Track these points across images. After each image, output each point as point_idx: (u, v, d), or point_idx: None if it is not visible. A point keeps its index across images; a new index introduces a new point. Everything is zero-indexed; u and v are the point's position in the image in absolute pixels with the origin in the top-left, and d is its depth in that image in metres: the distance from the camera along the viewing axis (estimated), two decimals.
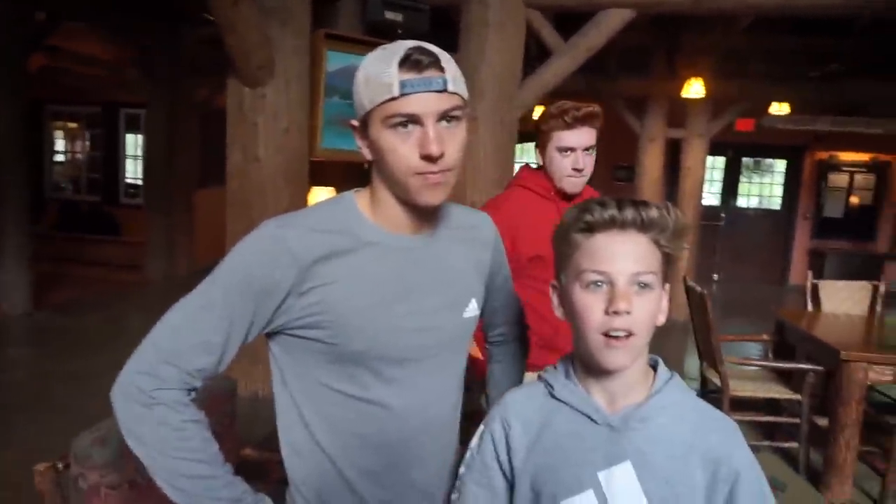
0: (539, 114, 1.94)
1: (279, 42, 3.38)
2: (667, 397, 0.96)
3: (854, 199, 9.28)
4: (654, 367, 1.00)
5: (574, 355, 1.01)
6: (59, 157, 9.73)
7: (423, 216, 1.08)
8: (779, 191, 9.80)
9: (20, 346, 5.16)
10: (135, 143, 9.23)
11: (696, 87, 6.01)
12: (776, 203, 9.82)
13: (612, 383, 0.96)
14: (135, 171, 9.22)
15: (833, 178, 9.29)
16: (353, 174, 3.39)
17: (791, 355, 3.77)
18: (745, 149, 9.51)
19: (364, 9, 3.83)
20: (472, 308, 1.17)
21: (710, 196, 9.53)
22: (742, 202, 9.91)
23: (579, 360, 0.99)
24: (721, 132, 7.04)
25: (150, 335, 1.00)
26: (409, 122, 0.97)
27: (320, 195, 3.72)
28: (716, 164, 9.55)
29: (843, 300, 4.18)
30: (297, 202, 3.54)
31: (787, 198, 9.67)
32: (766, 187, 9.98)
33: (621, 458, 0.93)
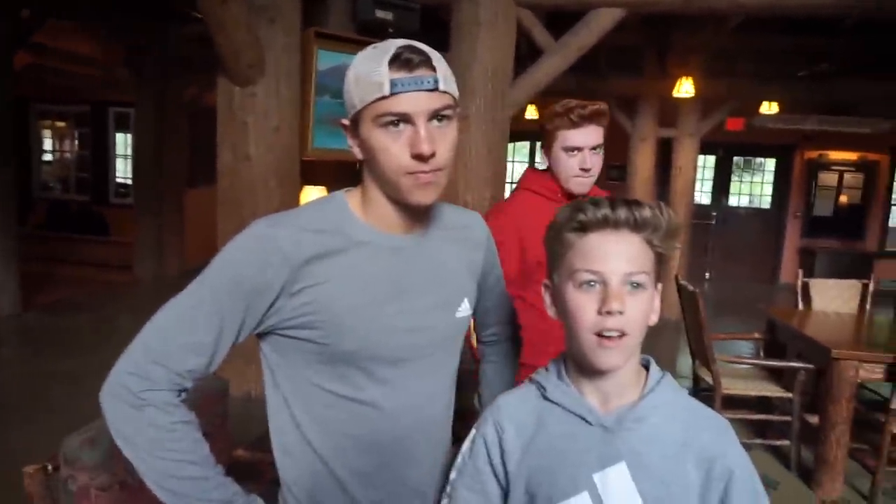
0: (545, 112, 1.86)
1: (269, 41, 3.37)
2: (659, 397, 0.96)
3: (843, 198, 9.35)
4: (646, 367, 1.00)
5: (566, 356, 1.01)
6: (48, 157, 9.65)
7: (414, 216, 1.07)
8: (769, 190, 9.86)
9: (9, 347, 5.11)
10: (124, 143, 9.16)
11: (686, 87, 6.03)
12: (767, 202, 9.88)
13: (605, 384, 0.96)
14: (125, 170, 9.16)
15: (823, 177, 9.36)
16: (344, 173, 3.38)
17: (782, 353, 3.79)
18: (735, 148, 9.56)
19: (354, 7, 3.82)
20: (465, 308, 1.17)
21: (702, 195, 9.58)
22: (733, 201, 9.96)
23: (572, 361, 0.99)
24: (711, 131, 7.08)
25: (139, 336, 0.99)
26: (400, 121, 0.97)
27: (312, 194, 3.71)
28: (707, 164, 9.59)
29: (833, 298, 4.21)
30: (288, 202, 3.53)
31: (778, 197, 9.73)
32: (756, 186, 10.04)
33: (616, 458, 0.93)
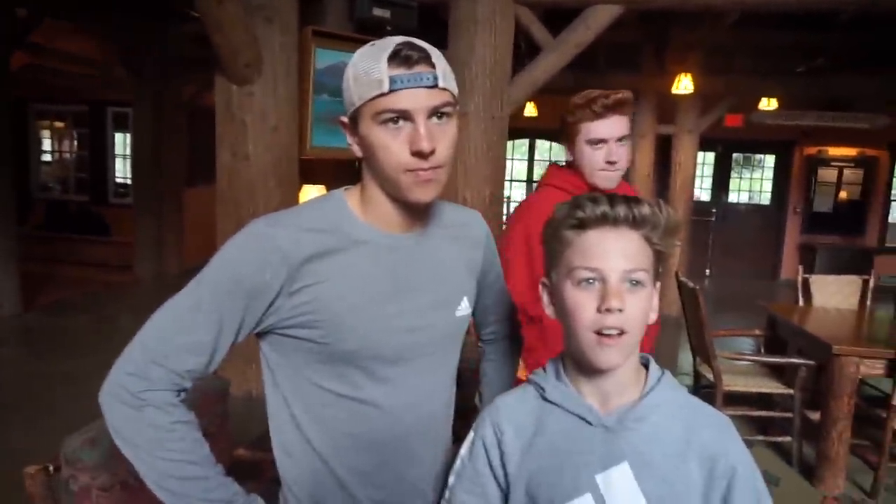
0: (566, 105, 1.75)
1: (266, 40, 3.36)
2: (660, 395, 0.95)
3: (843, 194, 9.34)
4: (645, 366, 0.99)
5: (564, 355, 1.00)
6: (47, 157, 9.64)
7: (414, 214, 1.07)
8: (769, 186, 9.85)
9: (10, 347, 5.12)
10: (123, 142, 9.15)
11: (685, 83, 6.03)
12: (766, 198, 9.87)
13: (605, 383, 0.95)
14: (124, 170, 9.15)
15: (822, 173, 9.34)
16: (343, 172, 3.38)
17: (783, 350, 3.79)
18: (734, 144, 9.56)
19: (352, 5, 3.82)
20: (464, 306, 1.16)
21: (701, 192, 9.57)
22: (733, 198, 9.95)
23: (570, 360, 0.98)
24: (710, 128, 7.07)
25: (138, 336, 0.99)
26: (399, 118, 0.96)
27: (311, 193, 3.71)
28: (706, 160, 9.59)
29: (834, 294, 4.21)
30: (287, 201, 3.53)
31: (777, 193, 9.72)
32: (756, 182, 10.03)
33: (618, 459, 0.92)
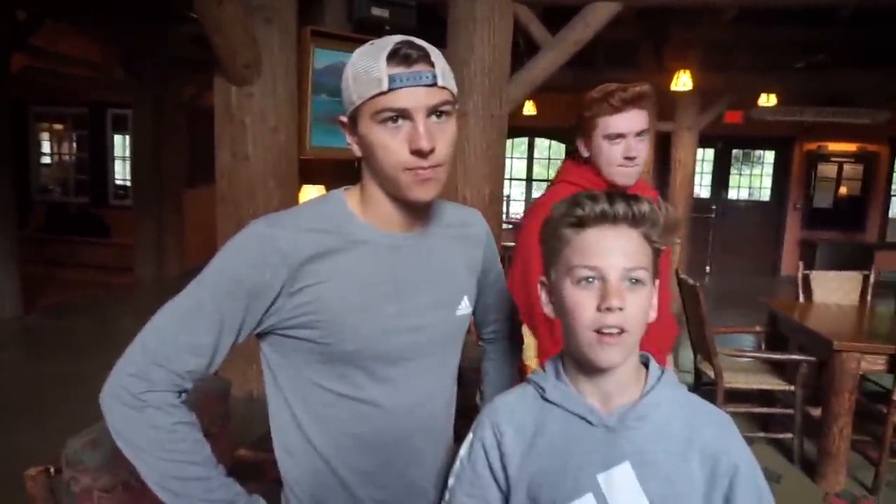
0: (582, 100, 1.70)
1: (265, 40, 3.36)
2: (661, 394, 0.95)
3: (843, 190, 9.33)
4: (645, 364, 0.99)
5: (564, 354, 1.00)
6: (46, 159, 9.64)
7: (414, 213, 1.07)
8: (769, 182, 9.83)
9: (11, 349, 5.11)
10: (123, 144, 9.15)
11: (684, 80, 6.02)
12: (766, 194, 9.86)
13: (606, 382, 0.94)
14: (124, 172, 9.15)
15: (822, 169, 9.33)
16: (342, 172, 3.38)
17: (784, 346, 3.79)
18: (734, 141, 9.54)
19: (350, 5, 3.82)
20: (465, 306, 1.16)
21: (701, 188, 9.57)
22: (733, 194, 9.94)
23: (570, 360, 0.97)
24: (710, 124, 7.07)
25: (138, 337, 0.99)
26: (398, 117, 0.96)
27: (310, 193, 3.71)
28: (706, 157, 9.58)
29: (834, 290, 4.20)
30: (287, 201, 3.53)
31: (777, 189, 9.71)
32: (756, 179, 10.02)
33: (620, 458, 0.91)
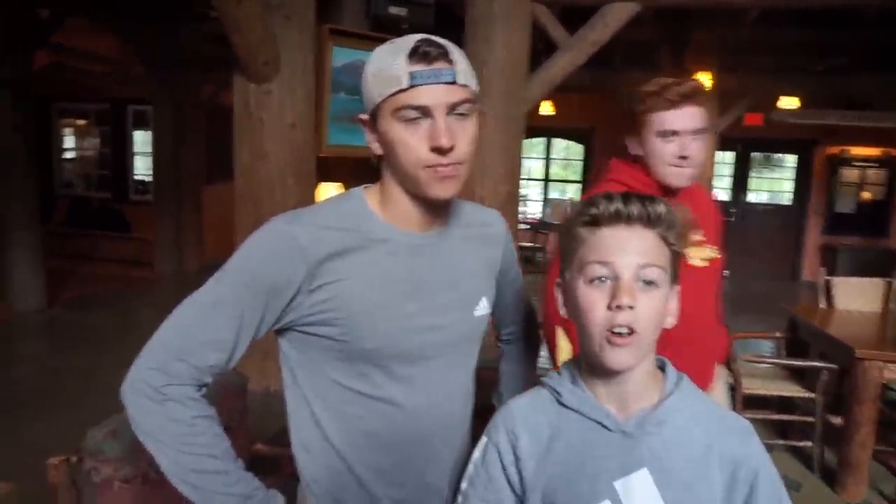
0: (631, 94, 1.60)
1: (284, 38, 3.38)
2: (679, 399, 0.93)
3: (866, 195, 9.17)
4: (661, 369, 0.98)
5: (579, 358, 0.99)
6: (69, 155, 9.77)
7: (433, 212, 1.06)
8: (789, 186, 9.70)
9: (34, 342, 5.20)
10: (143, 140, 9.26)
11: (703, 82, 5.96)
12: (787, 198, 9.73)
13: (622, 387, 0.93)
14: (144, 167, 9.26)
15: (844, 173, 9.18)
16: (359, 170, 3.39)
17: (804, 353, 3.72)
18: (754, 143, 9.43)
19: (368, 3, 3.82)
20: (483, 306, 1.16)
21: (720, 191, 9.47)
22: (752, 197, 9.82)
23: (585, 363, 0.96)
24: (730, 127, 6.99)
25: (158, 332, 0.99)
26: (419, 114, 0.96)
27: (328, 191, 3.72)
28: (725, 160, 9.47)
29: (857, 297, 4.12)
30: (304, 198, 3.54)
31: (798, 193, 9.57)
32: (776, 182, 9.89)
33: (638, 465, 0.90)
